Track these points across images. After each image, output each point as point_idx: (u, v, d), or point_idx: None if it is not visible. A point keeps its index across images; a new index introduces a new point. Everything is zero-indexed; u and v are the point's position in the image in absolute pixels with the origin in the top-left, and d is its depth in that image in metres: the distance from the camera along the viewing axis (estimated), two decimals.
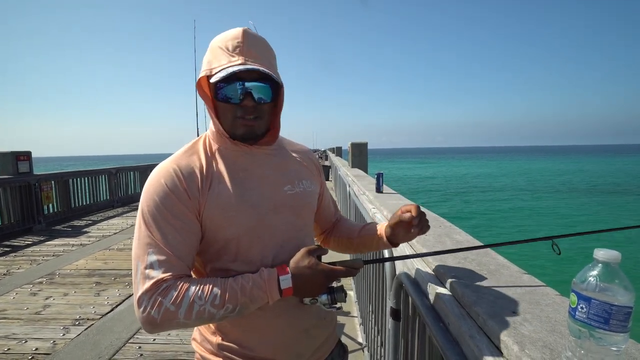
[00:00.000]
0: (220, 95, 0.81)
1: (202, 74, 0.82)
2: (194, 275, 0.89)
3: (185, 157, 0.85)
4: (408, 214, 0.91)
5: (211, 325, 0.89)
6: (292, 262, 0.81)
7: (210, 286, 0.76)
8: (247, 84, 0.80)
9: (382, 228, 1.01)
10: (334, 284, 0.84)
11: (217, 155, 0.87)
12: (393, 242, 0.99)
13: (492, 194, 23.82)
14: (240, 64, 0.78)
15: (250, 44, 0.81)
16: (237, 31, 0.82)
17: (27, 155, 6.74)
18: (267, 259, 0.85)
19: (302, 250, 0.82)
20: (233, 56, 0.79)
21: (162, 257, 0.76)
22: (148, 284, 0.74)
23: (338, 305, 0.83)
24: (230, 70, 0.77)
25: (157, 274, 0.75)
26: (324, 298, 0.83)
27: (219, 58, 0.80)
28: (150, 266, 0.75)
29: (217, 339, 0.88)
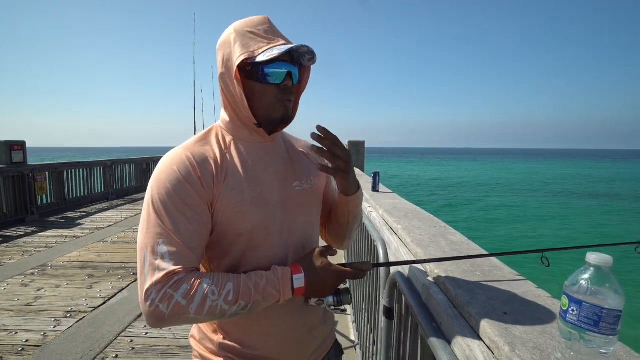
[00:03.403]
0: (262, 76, 0.78)
1: (242, 57, 0.76)
2: (203, 270, 0.87)
3: (198, 146, 0.81)
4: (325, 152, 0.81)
5: (213, 323, 0.87)
6: (305, 261, 0.79)
7: (224, 281, 0.73)
8: (288, 65, 0.78)
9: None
10: (341, 286, 0.84)
11: (231, 147, 0.84)
12: (343, 191, 0.90)
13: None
14: (283, 44, 0.76)
15: (275, 28, 0.81)
16: (261, 17, 0.81)
17: (21, 145, 6.66)
18: (275, 256, 0.83)
19: (316, 250, 0.81)
20: (272, 39, 0.78)
21: (173, 248, 0.72)
22: (158, 275, 0.70)
23: (343, 307, 0.83)
24: (284, 48, 0.75)
25: (168, 266, 0.71)
26: (330, 299, 0.82)
27: (256, 41, 0.77)
28: (161, 257, 0.71)
29: (218, 338, 0.85)
